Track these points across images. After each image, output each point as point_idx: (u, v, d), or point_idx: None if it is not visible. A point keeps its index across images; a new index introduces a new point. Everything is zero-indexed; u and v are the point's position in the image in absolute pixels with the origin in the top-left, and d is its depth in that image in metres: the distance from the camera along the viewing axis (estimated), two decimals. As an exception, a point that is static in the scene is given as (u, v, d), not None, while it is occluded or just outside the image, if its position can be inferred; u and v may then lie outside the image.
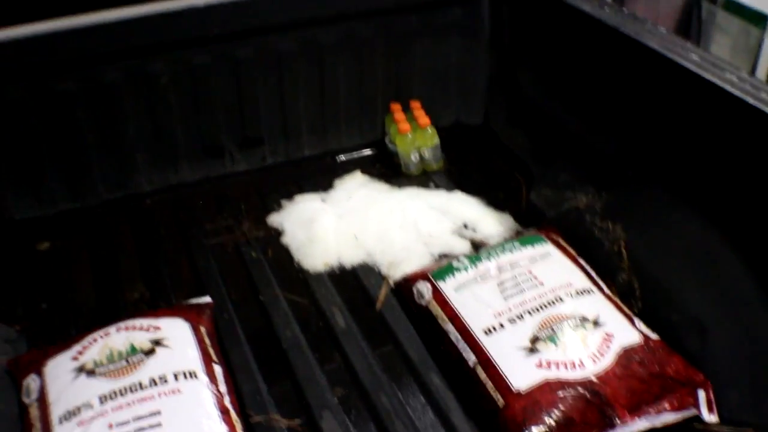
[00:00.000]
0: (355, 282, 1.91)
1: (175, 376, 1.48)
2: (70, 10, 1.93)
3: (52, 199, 2.10)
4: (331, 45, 2.24)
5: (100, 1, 1.96)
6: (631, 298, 1.72)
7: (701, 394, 1.49)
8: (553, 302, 1.64)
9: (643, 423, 1.45)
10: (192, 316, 1.67)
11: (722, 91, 1.50)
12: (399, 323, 1.77)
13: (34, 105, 1.98)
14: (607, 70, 1.91)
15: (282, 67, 2.22)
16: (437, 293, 1.73)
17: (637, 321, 1.63)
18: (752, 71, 2.73)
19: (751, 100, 1.44)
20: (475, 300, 1.68)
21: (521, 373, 1.50)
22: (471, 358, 1.57)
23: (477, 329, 1.61)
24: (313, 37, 2.21)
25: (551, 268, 1.75)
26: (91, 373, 1.49)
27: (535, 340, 1.55)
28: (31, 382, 1.52)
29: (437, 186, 2.27)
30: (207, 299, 1.79)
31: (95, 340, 1.56)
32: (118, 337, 1.57)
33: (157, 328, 1.59)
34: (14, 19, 1.88)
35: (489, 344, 1.57)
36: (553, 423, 1.42)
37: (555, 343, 1.54)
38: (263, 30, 2.14)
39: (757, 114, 1.43)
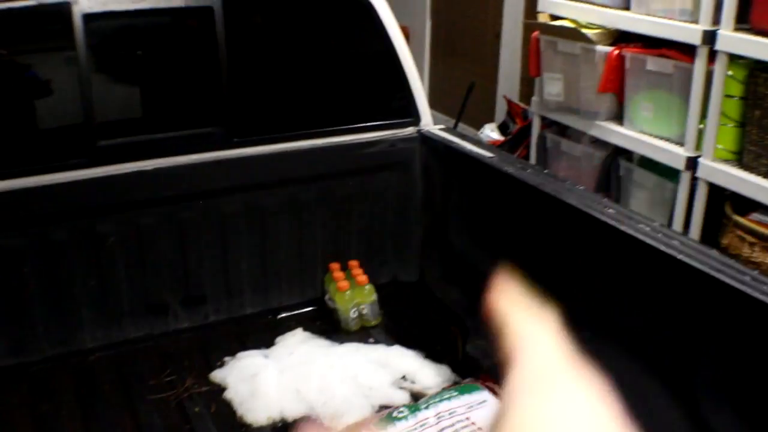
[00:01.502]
0: (297, 435, 1.93)
1: None
2: (21, 172, 2.01)
3: (-8, 354, 2.09)
4: (273, 208, 2.36)
5: (51, 166, 2.05)
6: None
7: None
8: (492, 446, 1.68)
9: None
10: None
11: (636, 240, 1.63)
12: (342, 474, 1.79)
13: None
14: (533, 225, 2.04)
15: (226, 228, 2.31)
16: (379, 443, 1.76)
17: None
18: (669, 222, 2.89)
19: (662, 248, 1.58)
20: (417, 448, 1.72)
21: None
22: (415, 503, 1.59)
23: (419, 476, 1.64)
24: (256, 201, 2.33)
25: (489, 415, 1.80)
26: None
27: (476, 483, 1.59)
28: None
29: (376, 341, 2.34)
30: (150, 453, 1.78)
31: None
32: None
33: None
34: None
35: (431, 490, 1.60)
36: None
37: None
38: (209, 193, 2.25)
39: (669, 260, 1.55)
